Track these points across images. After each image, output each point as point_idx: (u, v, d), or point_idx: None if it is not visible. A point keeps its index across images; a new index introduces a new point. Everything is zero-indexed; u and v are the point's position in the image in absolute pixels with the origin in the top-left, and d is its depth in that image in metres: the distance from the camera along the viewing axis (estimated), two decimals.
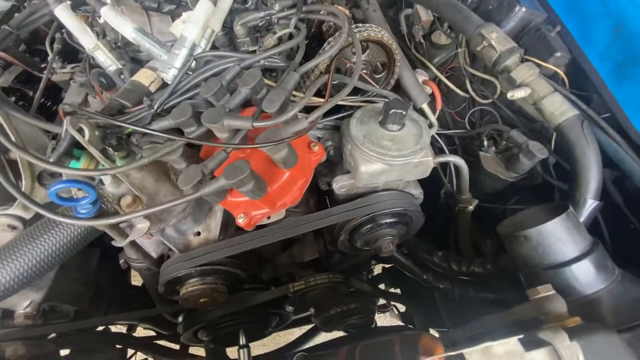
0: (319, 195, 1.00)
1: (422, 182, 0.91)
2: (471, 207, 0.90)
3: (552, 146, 0.85)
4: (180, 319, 1.04)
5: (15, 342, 0.80)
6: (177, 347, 1.36)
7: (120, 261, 0.93)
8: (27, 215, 0.66)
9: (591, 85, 0.78)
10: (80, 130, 0.61)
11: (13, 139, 0.62)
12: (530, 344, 0.43)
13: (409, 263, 1.05)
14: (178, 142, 0.62)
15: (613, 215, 0.77)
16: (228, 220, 0.90)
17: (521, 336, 0.43)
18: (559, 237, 0.62)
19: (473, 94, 1.03)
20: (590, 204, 0.71)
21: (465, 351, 0.42)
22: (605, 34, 0.77)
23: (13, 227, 0.65)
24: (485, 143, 0.91)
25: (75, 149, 0.65)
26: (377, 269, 1.59)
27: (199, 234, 0.87)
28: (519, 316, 0.51)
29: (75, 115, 0.62)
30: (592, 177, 0.71)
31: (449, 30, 1.12)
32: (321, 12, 0.80)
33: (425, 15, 1.16)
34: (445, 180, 0.99)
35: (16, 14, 0.83)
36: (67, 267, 0.85)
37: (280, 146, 0.58)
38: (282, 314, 1.11)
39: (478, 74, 1.01)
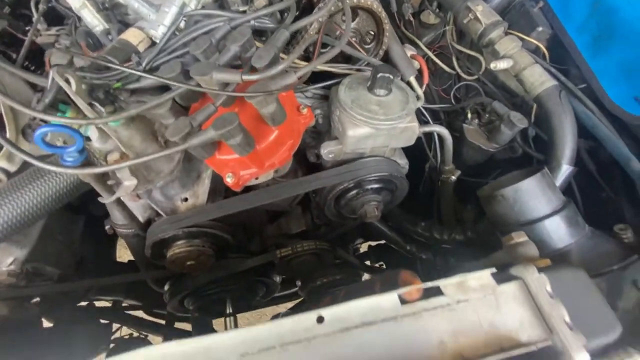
0: (307, 168, 1.02)
1: (408, 156, 0.94)
2: (454, 178, 0.93)
3: (533, 118, 0.89)
4: (166, 287, 1.04)
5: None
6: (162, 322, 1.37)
7: (107, 227, 0.93)
8: (11, 168, 0.65)
9: (570, 58, 0.81)
10: (67, 82, 0.61)
11: None
12: (502, 278, 0.46)
13: (392, 234, 1.08)
14: (166, 95, 0.62)
15: (586, 182, 0.81)
16: (216, 188, 0.91)
17: (494, 271, 0.46)
18: (534, 195, 0.65)
19: (459, 70, 1.06)
20: (565, 170, 0.75)
21: (441, 283, 0.45)
22: (583, 9, 0.80)
23: None
24: (469, 115, 0.94)
25: (61, 104, 0.65)
26: (364, 248, 1.63)
27: (186, 200, 0.87)
28: (495, 262, 0.54)
29: (62, 67, 0.61)
30: (568, 143, 0.74)
31: (437, 10, 1.14)
32: None
33: None
34: (430, 153, 1.02)
35: None
36: (51, 229, 0.84)
37: (269, 99, 0.59)
38: (269, 283, 1.12)
39: (464, 50, 1.03)
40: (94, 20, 0.80)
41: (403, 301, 0.44)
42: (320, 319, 0.42)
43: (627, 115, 0.69)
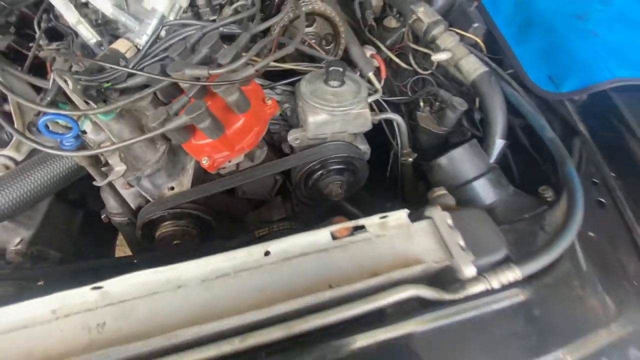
0: (281, 157, 1.13)
1: (375, 145, 1.05)
2: (410, 159, 1.04)
3: (477, 104, 1.00)
4: None
5: (6, 283, 0.90)
6: None
7: (102, 216, 1.04)
8: (19, 157, 0.77)
9: (500, 48, 0.94)
10: (65, 83, 0.73)
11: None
12: (416, 217, 0.57)
13: (362, 215, 1.18)
14: (147, 90, 0.74)
15: (522, 154, 0.92)
16: (200, 179, 1.02)
17: (409, 212, 0.56)
18: (464, 162, 0.76)
19: (415, 66, 1.19)
20: (499, 143, 0.86)
21: (366, 222, 0.55)
22: (509, 5, 0.93)
23: (7, 167, 0.76)
24: (422, 104, 1.06)
25: (60, 103, 0.77)
26: None
27: (172, 188, 0.99)
28: (422, 213, 0.64)
29: (61, 70, 0.74)
30: (499, 120, 0.85)
31: (398, 15, 1.28)
32: None
33: (376, 1, 1.32)
34: (393, 141, 1.14)
35: None
36: (53, 217, 0.95)
37: (232, 89, 0.71)
38: None
39: (419, 48, 1.16)
40: (88, 34, 0.93)
41: (334, 237, 0.54)
42: (267, 253, 0.53)
43: (543, 92, 0.81)
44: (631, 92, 0.71)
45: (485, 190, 0.74)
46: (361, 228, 0.55)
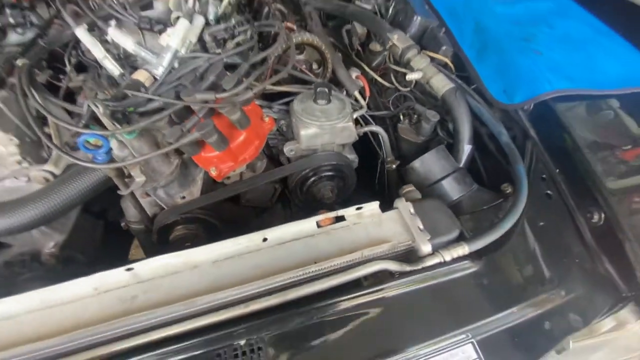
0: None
1: (364, 155, 1.19)
2: (394, 166, 1.17)
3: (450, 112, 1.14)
4: None
5: (39, 285, 1.02)
6: None
7: (122, 224, 1.17)
8: (57, 171, 0.91)
9: (465, 67, 1.08)
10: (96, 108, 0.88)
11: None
12: (386, 208, 0.69)
13: None
14: (164, 112, 0.89)
15: (489, 157, 1.05)
16: (207, 189, 1.16)
17: (379, 202, 0.69)
18: (433, 164, 0.89)
19: (397, 84, 1.34)
20: (467, 148, 0.99)
21: (345, 212, 0.68)
22: (470, 30, 1.08)
23: (47, 180, 0.90)
24: (402, 118, 1.20)
25: (91, 125, 0.92)
26: None
27: (184, 197, 1.12)
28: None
29: (93, 98, 0.89)
30: (465, 128, 0.99)
31: (381, 40, 1.45)
32: (273, 26, 1.11)
33: (360, 29, 1.49)
34: (380, 151, 1.27)
35: (52, 35, 1.12)
36: (80, 225, 1.08)
37: (234, 110, 0.86)
38: None
39: (398, 68, 1.31)
40: (112, 67, 1.09)
41: (319, 225, 0.67)
42: (264, 239, 0.66)
43: (500, 104, 0.94)
44: (568, 101, 0.85)
45: (451, 188, 0.87)
46: (341, 218, 0.68)
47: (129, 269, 0.62)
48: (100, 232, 1.25)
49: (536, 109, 0.90)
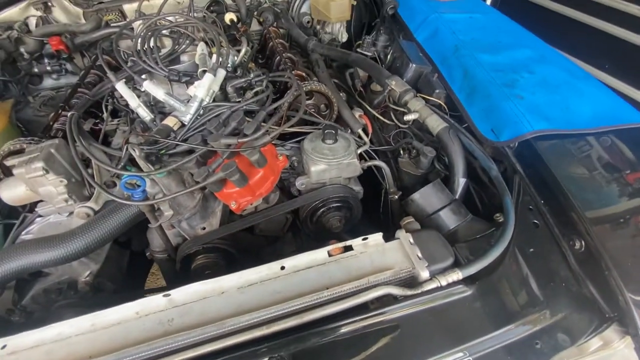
0: (290, 199, 1.38)
1: (369, 186, 1.30)
2: (396, 197, 1.27)
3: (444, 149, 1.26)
4: None
5: (73, 311, 1.11)
6: None
7: (147, 254, 1.27)
8: (97, 207, 1.03)
9: (457, 108, 1.21)
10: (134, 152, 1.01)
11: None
12: (389, 238, 0.79)
13: None
14: (192, 155, 1.02)
15: (484, 190, 1.15)
16: (225, 220, 1.26)
17: (382, 233, 0.79)
18: (431, 196, 0.99)
19: (396, 122, 1.47)
20: (461, 181, 1.09)
21: (352, 242, 0.78)
22: (460, 76, 1.22)
23: (88, 215, 1.02)
24: (401, 152, 1.32)
25: (127, 166, 1.06)
26: None
27: (204, 228, 1.23)
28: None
29: (131, 143, 1.03)
30: (459, 163, 1.10)
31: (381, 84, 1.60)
32: (284, 77, 1.27)
33: (362, 72, 1.66)
34: (383, 182, 1.38)
35: (95, 88, 1.28)
36: (111, 255, 1.19)
37: (254, 152, 0.98)
38: None
39: (397, 108, 1.45)
40: (145, 114, 1.25)
41: (330, 255, 0.77)
42: (282, 267, 0.76)
43: (488, 141, 1.05)
44: (547, 140, 0.96)
45: (448, 218, 0.96)
46: (349, 247, 0.78)
47: (166, 295, 0.72)
48: (126, 260, 1.35)
49: (520, 146, 1.01)
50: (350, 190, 1.21)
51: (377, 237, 0.78)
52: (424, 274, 0.70)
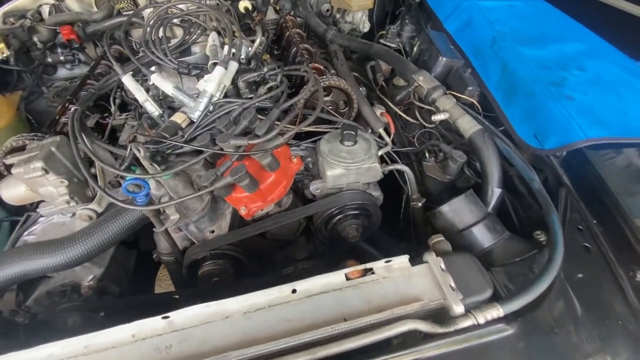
0: (304, 203, 1.29)
1: (389, 190, 1.19)
2: (420, 204, 1.16)
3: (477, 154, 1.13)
4: None
5: (76, 314, 1.07)
6: None
7: (154, 256, 1.22)
8: (100, 209, 0.97)
9: (493, 108, 1.08)
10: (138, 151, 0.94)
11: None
12: (416, 262, 0.69)
13: (380, 256, 1.29)
14: (200, 156, 0.94)
15: (520, 202, 1.02)
16: (235, 223, 1.19)
17: (409, 256, 0.69)
18: (461, 210, 0.88)
19: (421, 120, 1.35)
20: (496, 192, 0.97)
21: (374, 265, 0.68)
22: (497, 72, 1.08)
23: (90, 218, 0.97)
24: (427, 155, 1.20)
25: (132, 166, 0.99)
26: None
27: (213, 231, 1.16)
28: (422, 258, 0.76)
29: (135, 142, 0.96)
30: (494, 171, 0.97)
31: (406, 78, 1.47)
32: (300, 70, 1.17)
33: (385, 66, 1.53)
34: (405, 186, 1.27)
35: (101, 81, 1.22)
36: (115, 257, 1.14)
37: (265, 155, 0.89)
38: None
39: (423, 105, 1.33)
40: (153, 109, 1.17)
41: (347, 278, 0.68)
42: (294, 291, 0.67)
43: (530, 148, 0.93)
44: (603, 149, 0.82)
45: (482, 235, 0.85)
46: (370, 270, 0.68)
47: (165, 317, 0.65)
48: (133, 261, 1.30)
49: (569, 155, 0.88)
50: (370, 197, 1.11)
51: (402, 260, 0.68)
52: (458, 309, 0.60)
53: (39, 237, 1.02)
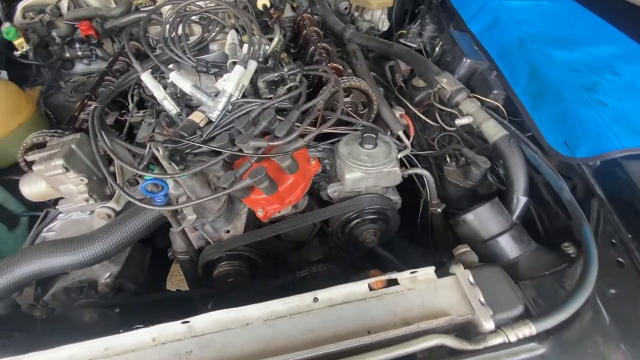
0: (321, 205, 1.27)
1: (408, 196, 1.16)
2: (439, 210, 1.13)
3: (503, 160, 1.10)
4: (209, 305, 1.29)
5: (92, 310, 1.08)
6: None
7: (169, 254, 1.22)
8: (118, 208, 0.97)
9: (519, 113, 1.04)
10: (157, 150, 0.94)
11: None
12: (442, 273, 0.67)
13: (397, 261, 1.27)
14: (218, 157, 0.93)
15: (546, 210, 0.99)
16: (250, 223, 1.18)
17: (434, 268, 0.66)
18: (486, 219, 0.85)
19: (442, 123, 1.31)
20: (521, 200, 0.94)
21: (398, 276, 0.66)
22: (525, 75, 1.04)
23: (109, 216, 0.97)
24: (448, 160, 1.17)
25: (150, 165, 0.98)
26: None
27: (228, 231, 1.15)
28: (447, 269, 0.74)
29: (154, 142, 0.95)
30: (520, 179, 0.94)
31: (425, 79, 1.43)
32: (319, 70, 1.14)
33: (404, 65, 1.49)
34: (423, 190, 1.24)
35: (120, 79, 1.22)
36: (132, 254, 1.14)
37: (285, 157, 0.88)
38: None
39: (444, 108, 1.29)
40: (170, 107, 1.17)
41: (371, 288, 0.66)
42: (315, 299, 0.65)
43: (561, 156, 0.88)
44: (637, 159, 0.78)
45: (508, 246, 0.82)
46: (394, 281, 0.66)
47: (185, 322, 0.64)
48: (148, 259, 1.31)
49: (601, 165, 0.84)
50: (388, 201, 1.08)
51: (428, 272, 0.66)
52: (488, 325, 0.58)
53: (57, 233, 1.03)
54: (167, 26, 1.19)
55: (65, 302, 1.07)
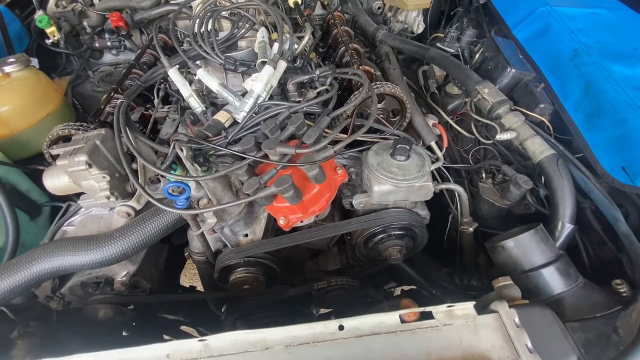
0: (343, 214, 1.22)
1: (434, 209, 1.09)
2: (471, 229, 1.06)
3: (544, 180, 1.01)
4: (223, 309, 1.26)
5: (108, 307, 1.07)
6: None
7: (186, 254, 1.20)
8: (139, 207, 0.95)
9: (569, 131, 0.95)
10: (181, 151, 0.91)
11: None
12: (483, 310, 0.60)
13: (420, 279, 1.20)
14: (243, 162, 0.89)
15: (593, 240, 0.90)
16: (269, 228, 1.14)
17: (475, 303, 0.60)
18: (530, 248, 0.78)
19: (478, 135, 1.23)
20: (567, 228, 0.86)
21: (433, 309, 0.60)
22: (578, 91, 0.95)
23: (129, 215, 0.95)
24: (484, 176, 1.09)
25: (173, 164, 0.96)
26: (397, 292, 1.72)
27: (247, 236, 1.12)
28: (486, 302, 0.67)
29: (179, 142, 0.92)
30: (567, 205, 0.86)
31: (460, 84, 1.35)
32: (349, 73, 1.08)
33: (439, 71, 1.41)
34: (452, 206, 1.17)
35: (147, 74, 1.20)
36: (150, 254, 1.12)
37: (313, 166, 0.83)
38: (307, 313, 1.29)
39: (482, 119, 1.21)
40: (196, 105, 1.14)
41: (403, 321, 0.60)
42: (341, 327, 0.60)
43: (617, 183, 0.80)
44: None
45: (553, 280, 0.74)
46: (429, 314, 0.60)
47: (202, 340, 0.60)
48: (164, 257, 1.29)
49: None
50: (417, 217, 1.02)
51: (467, 307, 0.60)
52: None
53: (77, 228, 1.02)
54: (197, 21, 1.16)
55: (82, 297, 1.07)
